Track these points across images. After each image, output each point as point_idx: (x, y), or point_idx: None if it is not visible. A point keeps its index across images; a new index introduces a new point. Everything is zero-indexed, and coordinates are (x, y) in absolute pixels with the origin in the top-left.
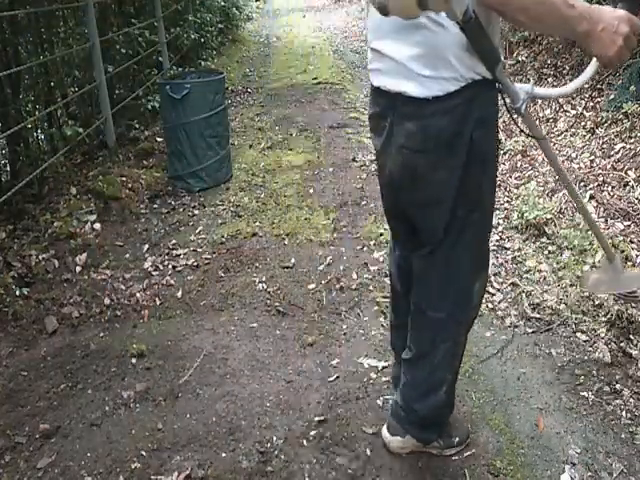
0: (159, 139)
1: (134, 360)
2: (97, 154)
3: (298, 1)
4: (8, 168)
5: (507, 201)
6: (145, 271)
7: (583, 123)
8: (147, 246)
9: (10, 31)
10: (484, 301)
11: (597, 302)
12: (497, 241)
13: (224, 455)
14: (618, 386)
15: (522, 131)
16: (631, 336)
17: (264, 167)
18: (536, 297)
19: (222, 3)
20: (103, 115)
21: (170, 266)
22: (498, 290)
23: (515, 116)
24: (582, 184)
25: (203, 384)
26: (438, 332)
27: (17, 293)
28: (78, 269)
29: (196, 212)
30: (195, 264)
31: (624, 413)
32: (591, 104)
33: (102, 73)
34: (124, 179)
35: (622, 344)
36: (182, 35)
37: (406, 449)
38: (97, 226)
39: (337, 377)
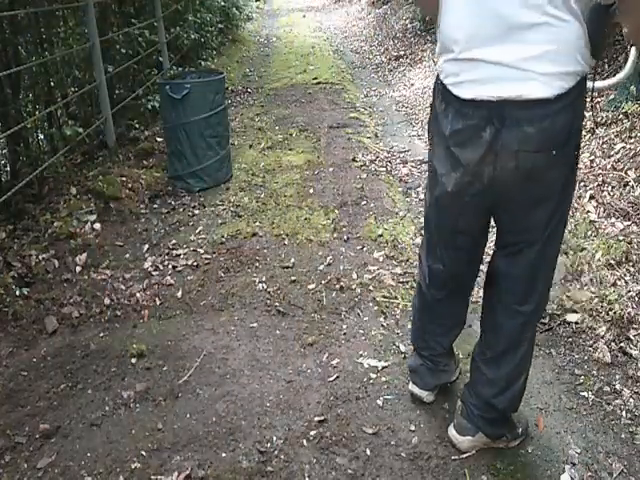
0: (159, 139)
1: (134, 360)
2: (97, 154)
3: (298, 1)
4: (8, 168)
5: None
6: (145, 271)
7: (583, 123)
8: (147, 246)
9: (10, 31)
10: None
11: (597, 302)
12: None
13: (224, 455)
14: (618, 386)
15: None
16: (631, 336)
17: (264, 167)
18: None
19: (222, 3)
20: (103, 115)
21: (170, 266)
22: None
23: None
24: (582, 184)
25: (203, 384)
26: (526, 325)
27: (17, 293)
28: (78, 269)
29: (196, 212)
30: (195, 264)
31: (624, 413)
32: (591, 104)
33: (102, 73)
34: (124, 179)
35: (622, 344)
36: (182, 35)
37: (476, 447)
38: (97, 226)
39: (337, 377)
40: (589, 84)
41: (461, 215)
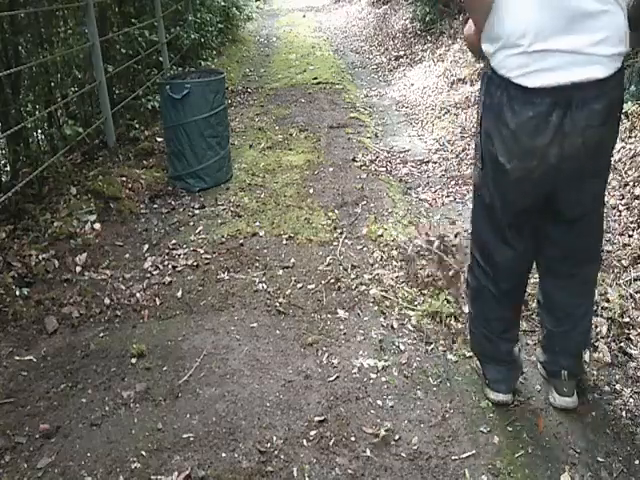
0: (159, 139)
1: (134, 360)
2: (97, 154)
3: (298, 1)
4: (8, 168)
5: None
6: (145, 271)
7: None
8: (147, 246)
9: (10, 31)
10: None
11: (597, 302)
12: None
13: (224, 455)
14: (618, 386)
15: None
16: (631, 336)
17: (264, 167)
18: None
19: (222, 3)
20: (103, 115)
21: (170, 266)
22: None
23: None
24: None
25: (203, 384)
26: (595, 276)
27: (17, 293)
28: (78, 269)
29: (196, 212)
30: (195, 264)
31: (624, 413)
32: None
33: (102, 73)
34: (124, 179)
35: (622, 344)
36: (182, 35)
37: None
38: (97, 226)
39: (337, 377)
40: None
41: (527, 197)
